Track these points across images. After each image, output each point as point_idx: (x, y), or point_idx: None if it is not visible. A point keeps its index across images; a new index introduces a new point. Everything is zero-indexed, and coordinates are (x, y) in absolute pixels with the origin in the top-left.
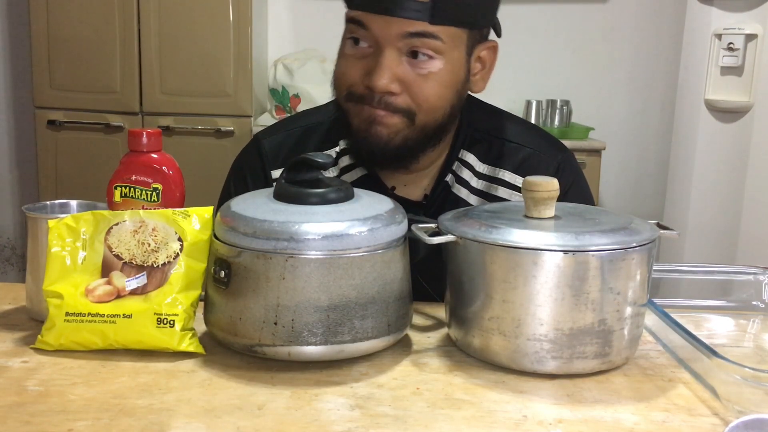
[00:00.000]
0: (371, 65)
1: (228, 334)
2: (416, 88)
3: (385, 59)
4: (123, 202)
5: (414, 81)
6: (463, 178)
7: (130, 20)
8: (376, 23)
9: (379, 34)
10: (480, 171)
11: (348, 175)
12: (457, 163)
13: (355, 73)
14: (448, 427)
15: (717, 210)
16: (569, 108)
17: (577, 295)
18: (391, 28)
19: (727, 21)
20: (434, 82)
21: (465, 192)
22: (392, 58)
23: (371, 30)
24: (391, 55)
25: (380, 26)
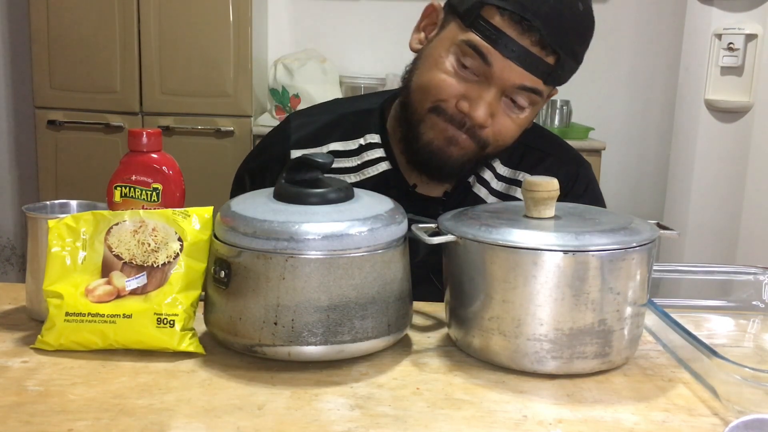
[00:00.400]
0: (473, 94)
1: (228, 334)
2: (503, 128)
3: (489, 96)
4: (123, 202)
5: (502, 120)
6: (485, 178)
7: (130, 20)
8: (500, 64)
9: (498, 75)
10: (501, 173)
11: (371, 168)
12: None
13: (451, 92)
14: (448, 427)
15: (717, 210)
16: (569, 108)
17: (577, 295)
18: (512, 75)
19: (727, 21)
20: (519, 126)
21: (484, 192)
22: (496, 98)
23: (491, 67)
24: (496, 95)
25: (502, 69)
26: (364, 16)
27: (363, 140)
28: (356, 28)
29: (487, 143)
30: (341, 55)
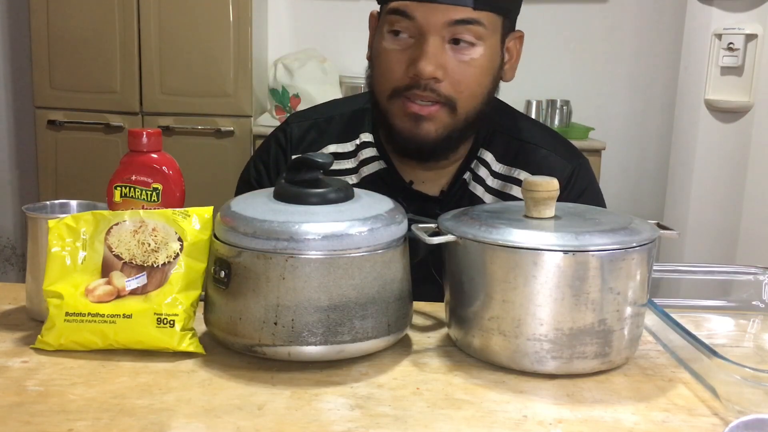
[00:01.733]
0: (415, 55)
1: (228, 334)
2: (458, 75)
3: (429, 47)
4: (123, 202)
5: (456, 68)
6: (480, 176)
7: (130, 20)
8: (421, 11)
9: (423, 22)
10: (496, 170)
11: (367, 168)
12: (475, 162)
13: (399, 68)
14: (448, 427)
15: (717, 210)
16: (569, 108)
17: (577, 295)
18: (436, 15)
19: (727, 21)
20: (475, 68)
21: (480, 190)
22: (437, 46)
23: (415, 19)
24: (436, 43)
25: (425, 14)
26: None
27: (358, 140)
28: (356, 28)
29: (452, 100)
30: (341, 55)
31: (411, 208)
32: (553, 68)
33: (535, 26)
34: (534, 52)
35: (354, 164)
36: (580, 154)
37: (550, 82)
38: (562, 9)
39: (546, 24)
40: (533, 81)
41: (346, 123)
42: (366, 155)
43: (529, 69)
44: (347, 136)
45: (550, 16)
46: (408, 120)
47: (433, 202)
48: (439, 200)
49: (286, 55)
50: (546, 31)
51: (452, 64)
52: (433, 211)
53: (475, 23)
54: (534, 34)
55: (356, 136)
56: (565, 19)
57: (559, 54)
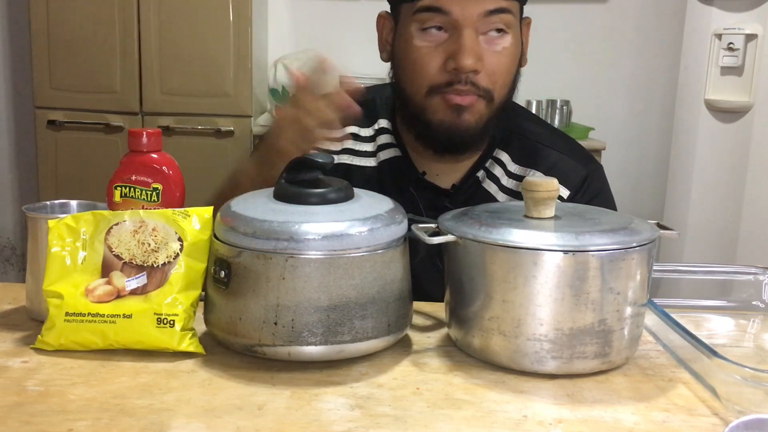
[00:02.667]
0: (451, 50)
1: (228, 334)
2: (493, 65)
3: (467, 39)
4: (123, 202)
5: (490, 59)
6: (495, 174)
7: (130, 20)
8: (456, 5)
9: (459, 16)
10: (511, 170)
11: (383, 153)
12: (490, 161)
13: (435, 64)
14: (448, 427)
15: (717, 210)
16: (569, 108)
17: (577, 295)
18: (471, 7)
19: (727, 21)
20: (506, 57)
21: (494, 188)
22: (473, 38)
23: (451, 14)
24: (471, 35)
25: (461, 7)
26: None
27: (377, 125)
28: (356, 28)
29: (489, 91)
30: (341, 55)
31: (422, 198)
32: (553, 68)
33: (536, 26)
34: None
35: (373, 148)
36: (595, 160)
37: (550, 82)
38: (562, 9)
39: (546, 24)
40: (533, 81)
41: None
42: (382, 141)
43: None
44: (366, 121)
45: (550, 16)
46: (449, 112)
47: (444, 195)
48: (450, 194)
49: (286, 55)
50: (546, 31)
51: (487, 55)
52: (442, 204)
53: (506, 12)
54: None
55: (374, 121)
56: (565, 19)
57: (559, 54)
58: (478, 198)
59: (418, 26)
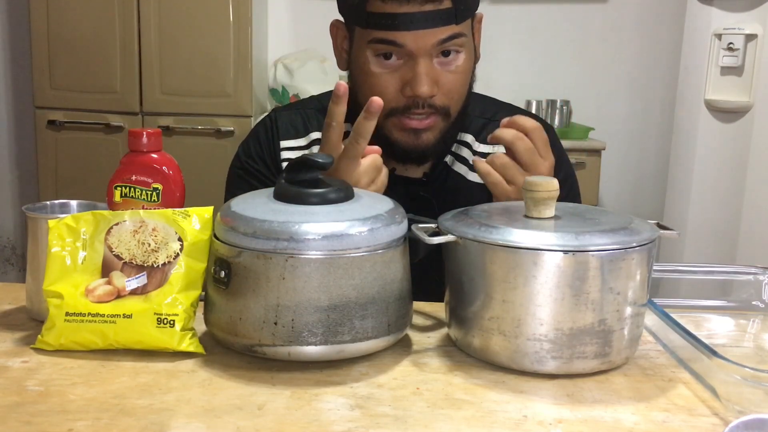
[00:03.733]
0: (407, 77)
1: (228, 334)
2: (449, 85)
3: (422, 68)
4: (123, 202)
5: (446, 80)
6: (463, 156)
7: (130, 20)
8: (410, 39)
9: (413, 47)
10: (479, 150)
11: None
12: (456, 145)
13: (392, 89)
14: (448, 427)
15: (717, 210)
16: (569, 108)
17: (577, 295)
18: (424, 39)
19: (727, 21)
20: (461, 74)
21: (464, 169)
22: (428, 65)
23: (405, 47)
24: (426, 63)
25: (414, 41)
26: None
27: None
28: None
29: (446, 108)
30: None
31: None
32: (553, 68)
33: (535, 26)
34: (534, 52)
35: None
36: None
37: (550, 82)
38: (562, 9)
39: (546, 24)
40: (533, 81)
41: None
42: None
43: (529, 69)
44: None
45: (550, 16)
46: (407, 135)
47: (417, 184)
48: (423, 182)
49: (286, 55)
50: (546, 31)
51: (442, 76)
52: (417, 193)
53: (459, 36)
54: (534, 34)
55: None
56: (565, 19)
57: (559, 54)
58: (451, 181)
59: (373, 53)
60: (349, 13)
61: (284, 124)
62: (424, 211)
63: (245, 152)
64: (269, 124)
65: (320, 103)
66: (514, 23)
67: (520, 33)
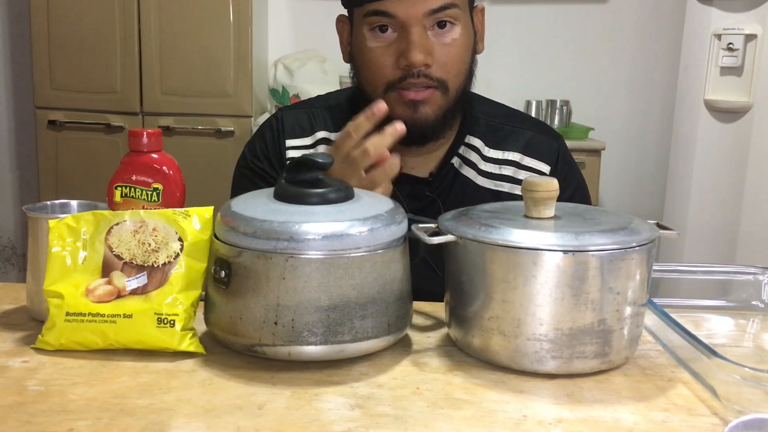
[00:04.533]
0: (402, 47)
1: (228, 334)
2: (445, 57)
3: (415, 37)
4: (123, 202)
5: (441, 51)
6: (471, 160)
7: (130, 20)
8: (400, 8)
9: (405, 17)
10: (488, 155)
11: None
12: (463, 147)
13: (388, 62)
14: (448, 427)
15: (717, 210)
16: (569, 108)
17: (577, 295)
18: (415, 8)
19: (727, 21)
20: (457, 47)
21: (473, 173)
22: (421, 35)
23: (396, 16)
24: (420, 32)
25: (405, 10)
26: None
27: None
28: None
29: (443, 81)
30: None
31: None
32: (553, 68)
33: (535, 26)
34: (534, 52)
35: None
36: (558, 134)
37: (550, 82)
38: (562, 9)
39: (546, 24)
40: (533, 81)
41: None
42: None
43: (529, 69)
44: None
45: (550, 16)
46: (406, 108)
47: (422, 184)
48: (428, 182)
49: (286, 56)
50: (546, 31)
51: (437, 48)
52: (423, 193)
53: (452, 6)
54: (534, 34)
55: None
56: (565, 19)
57: (559, 54)
58: (457, 184)
59: (368, 28)
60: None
61: (290, 123)
62: (429, 212)
63: (251, 152)
64: (275, 123)
65: (327, 102)
66: (514, 23)
67: (519, 33)
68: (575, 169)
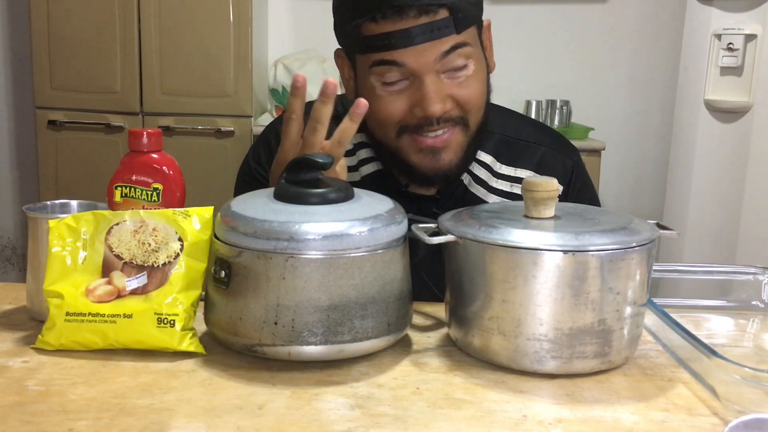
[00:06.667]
0: (416, 98)
1: (228, 334)
2: (463, 97)
3: (429, 86)
4: (123, 202)
5: (458, 92)
6: (481, 178)
7: (130, 20)
8: (410, 56)
9: (416, 66)
10: (499, 171)
11: (365, 167)
12: (473, 163)
13: (400, 109)
14: (448, 427)
15: (717, 210)
16: (569, 108)
17: (577, 294)
18: (425, 55)
19: (727, 21)
20: (473, 83)
21: (483, 191)
22: (435, 83)
23: (406, 65)
24: (433, 80)
25: (415, 58)
26: None
27: (356, 139)
28: None
29: (464, 118)
30: None
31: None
32: (553, 68)
33: (535, 26)
34: (534, 52)
35: (354, 162)
36: (574, 148)
37: (550, 82)
38: (562, 9)
39: (546, 24)
40: (533, 81)
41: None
42: (363, 156)
43: (529, 69)
44: None
45: (550, 16)
46: (425, 155)
47: (430, 201)
48: (436, 200)
49: (286, 55)
50: (546, 31)
51: (454, 90)
52: (430, 211)
53: (462, 46)
54: (534, 34)
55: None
56: (565, 19)
57: (559, 54)
58: (466, 202)
59: (377, 78)
60: (347, 42)
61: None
62: None
63: (254, 158)
64: (266, 136)
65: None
66: (514, 23)
67: (519, 33)
68: (588, 185)
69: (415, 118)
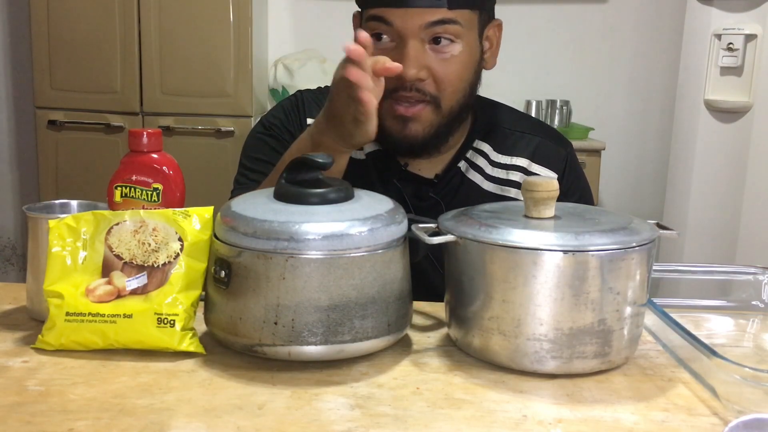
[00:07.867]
0: (397, 58)
1: (228, 334)
2: (440, 73)
3: (410, 50)
4: (123, 202)
5: (438, 66)
6: (478, 165)
7: (130, 20)
8: (398, 17)
9: (401, 27)
10: (495, 160)
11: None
12: (471, 151)
13: None
14: (448, 427)
15: (717, 210)
16: (569, 108)
17: (577, 295)
18: (413, 19)
19: (727, 21)
20: (456, 64)
21: (479, 178)
22: (417, 48)
23: (393, 25)
24: (416, 46)
25: (402, 19)
26: None
27: None
28: None
29: (436, 98)
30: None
31: (406, 189)
32: (553, 68)
33: (535, 26)
34: (534, 52)
35: None
36: (568, 141)
37: (550, 82)
38: (562, 9)
39: (546, 24)
40: (533, 81)
41: None
42: None
43: (529, 69)
44: None
45: (550, 16)
46: (396, 122)
47: (427, 184)
48: (433, 183)
49: (286, 55)
50: (546, 31)
51: (434, 63)
52: (426, 194)
53: (452, 22)
54: (534, 34)
55: None
56: (565, 19)
57: (559, 54)
58: (463, 188)
59: (369, 32)
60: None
61: (309, 102)
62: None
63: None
64: (294, 101)
65: None
66: (514, 23)
67: (519, 33)
68: (581, 177)
69: (392, 80)
